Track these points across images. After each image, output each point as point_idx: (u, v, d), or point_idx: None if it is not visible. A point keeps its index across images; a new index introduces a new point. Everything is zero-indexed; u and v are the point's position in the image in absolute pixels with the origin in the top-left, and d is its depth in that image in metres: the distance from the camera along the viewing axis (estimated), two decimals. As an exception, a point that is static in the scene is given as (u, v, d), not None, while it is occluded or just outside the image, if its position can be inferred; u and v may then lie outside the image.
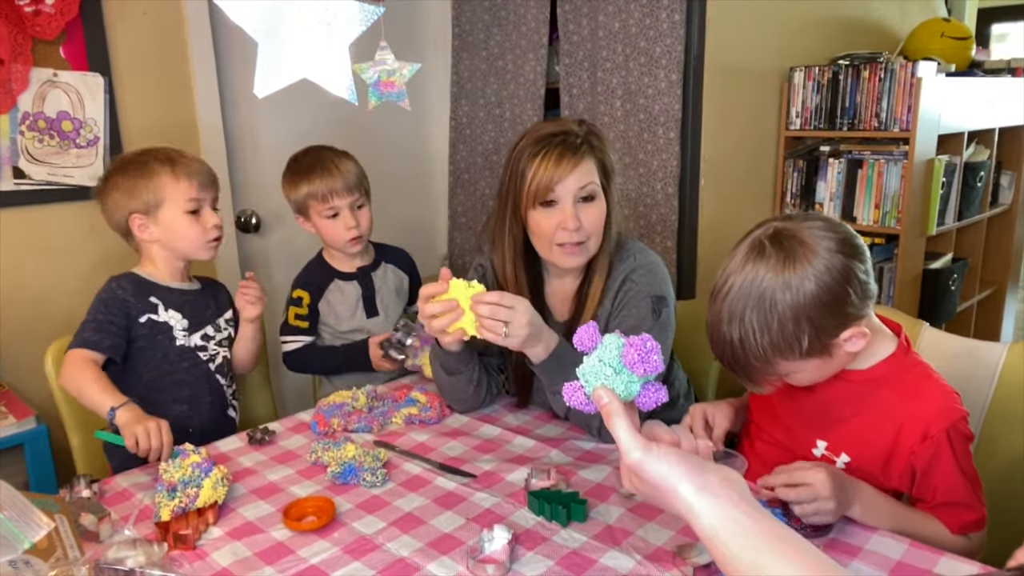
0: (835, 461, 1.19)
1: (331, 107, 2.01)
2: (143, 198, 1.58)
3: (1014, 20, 4.87)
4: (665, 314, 1.47)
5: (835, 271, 1.05)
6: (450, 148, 3.00)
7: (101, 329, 1.54)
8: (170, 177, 1.58)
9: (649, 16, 2.35)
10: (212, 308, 1.73)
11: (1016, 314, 3.74)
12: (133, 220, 1.60)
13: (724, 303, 1.10)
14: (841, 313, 1.07)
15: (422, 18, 2.91)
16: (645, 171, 2.48)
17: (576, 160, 1.42)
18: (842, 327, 1.08)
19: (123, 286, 1.60)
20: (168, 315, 1.63)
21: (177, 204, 1.59)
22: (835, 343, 1.09)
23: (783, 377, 1.14)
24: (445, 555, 1.07)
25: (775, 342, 1.06)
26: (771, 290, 1.05)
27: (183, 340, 1.64)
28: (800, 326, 1.05)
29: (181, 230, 1.60)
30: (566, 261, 1.47)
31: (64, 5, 1.95)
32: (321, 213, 1.82)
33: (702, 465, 0.76)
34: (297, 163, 1.85)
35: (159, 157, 1.60)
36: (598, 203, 1.45)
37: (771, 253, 1.08)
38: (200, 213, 1.62)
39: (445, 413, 1.58)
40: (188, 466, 1.23)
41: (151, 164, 1.59)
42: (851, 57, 2.72)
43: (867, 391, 1.17)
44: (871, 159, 2.69)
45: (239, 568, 1.05)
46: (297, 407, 1.69)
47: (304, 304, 1.88)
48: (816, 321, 1.05)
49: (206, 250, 1.64)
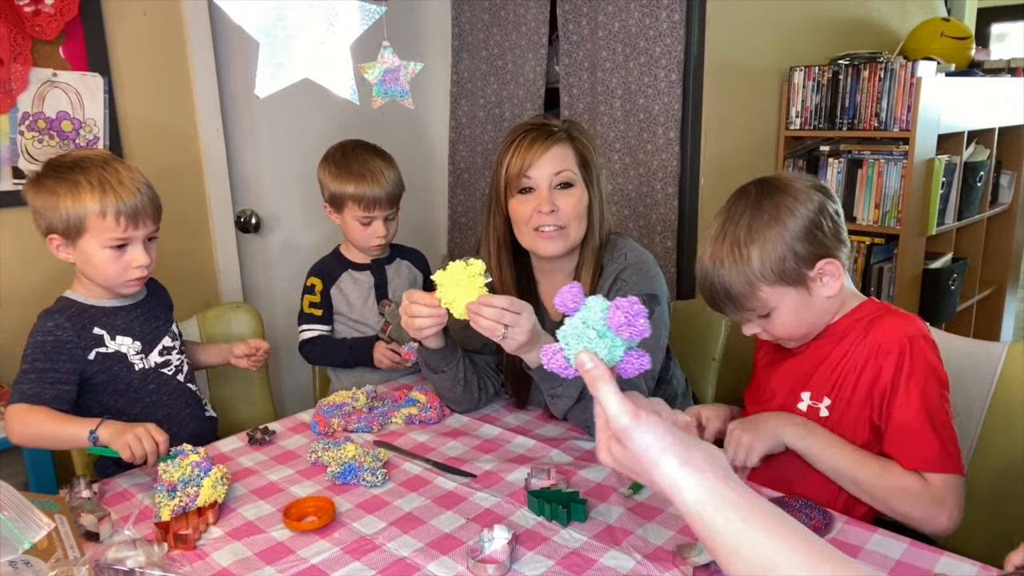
0: (819, 408, 1.25)
1: (331, 107, 2.01)
2: (63, 218, 1.38)
3: (1014, 20, 4.87)
4: (657, 312, 1.47)
5: (810, 203, 1.19)
6: (450, 148, 3.00)
7: (42, 379, 1.37)
8: (96, 206, 1.37)
9: (649, 16, 2.35)
10: (162, 317, 1.59)
11: (1016, 314, 3.74)
12: (51, 240, 1.43)
13: (713, 236, 1.22)
14: (815, 241, 1.18)
15: (422, 18, 2.91)
16: (645, 171, 2.48)
17: (548, 144, 1.44)
18: (816, 256, 1.18)
19: (61, 325, 1.42)
20: (117, 343, 1.47)
21: (97, 238, 1.39)
22: (810, 276, 1.19)
23: (764, 321, 1.23)
24: (445, 555, 1.07)
25: (757, 267, 1.17)
26: (755, 217, 1.19)
27: (141, 364, 1.50)
28: (778, 248, 1.17)
29: (98, 264, 1.41)
30: (545, 247, 1.47)
31: (64, 5, 1.95)
32: (357, 218, 1.85)
33: (687, 440, 0.73)
34: (347, 161, 1.86)
35: (92, 178, 1.38)
36: (576, 191, 1.46)
37: (753, 191, 1.23)
38: (125, 249, 1.42)
39: (445, 413, 1.58)
40: (187, 466, 1.23)
41: (80, 185, 1.38)
42: (851, 57, 2.73)
43: (838, 334, 1.26)
44: (871, 159, 2.69)
45: (239, 568, 1.05)
46: (297, 407, 1.69)
47: (317, 291, 1.92)
48: (791, 244, 1.17)
49: (126, 287, 1.46)
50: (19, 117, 1.97)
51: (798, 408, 1.27)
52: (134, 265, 1.43)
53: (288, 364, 2.59)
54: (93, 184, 1.38)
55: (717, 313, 1.86)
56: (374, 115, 1.52)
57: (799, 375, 1.29)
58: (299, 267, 2.01)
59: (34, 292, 2.06)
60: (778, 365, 1.34)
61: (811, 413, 1.25)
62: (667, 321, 1.52)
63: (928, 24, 3.23)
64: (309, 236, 2.58)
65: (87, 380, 1.44)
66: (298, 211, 2.60)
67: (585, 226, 1.49)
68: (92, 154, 1.45)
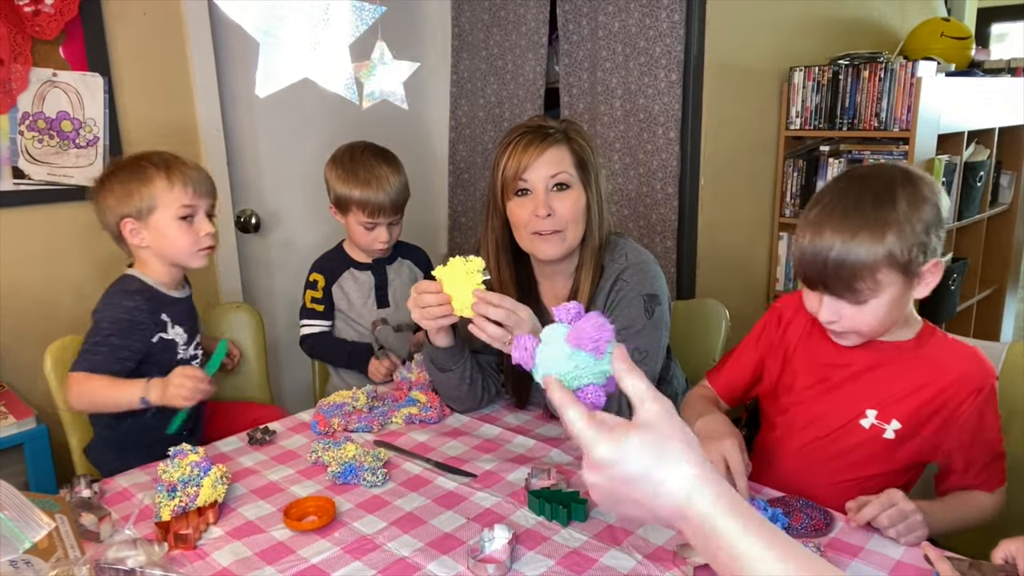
0: (884, 429, 1.22)
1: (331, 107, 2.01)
2: (136, 203, 1.55)
3: (1014, 20, 4.87)
4: (658, 312, 1.47)
5: (941, 199, 1.17)
6: (450, 148, 3.00)
7: (114, 355, 1.51)
8: (164, 182, 1.55)
9: (649, 16, 2.35)
10: (196, 313, 1.74)
11: (1016, 314, 3.75)
12: (125, 225, 1.57)
13: (831, 213, 1.15)
14: (936, 235, 1.15)
15: (422, 18, 2.90)
16: (645, 171, 2.48)
17: (544, 147, 1.44)
18: (932, 253, 1.15)
19: (139, 307, 1.56)
20: (175, 332, 1.62)
21: (169, 209, 1.55)
22: (922, 270, 1.15)
23: (854, 309, 1.16)
24: (445, 555, 1.07)
25: (890, 248, 1.11)
26: (890, 201, 1.13)
27: (183, 354, 1.64)
28: (914, 234, 1.12)
29: (172, 236, 1.57)
30: (543, 250, 1.48)
31: (64, 5, 1.95)
32: (361, 222, 1.86)
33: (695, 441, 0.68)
34: (353, 164, 1.86)
35: (155, 162, 1.57)
36: (573, 193, 1.46)
37: (881, 176, 1.18)
38: (193, 220, 1.58)
39: (445, 413, 1.58)
40: (187, 465, 1.23)
41: (147, 169, 1.56)
42: (851, 57, 2.73)
43: (913, 358, 1.22)
44: (871, 159, 2.69)
45: (239, 568, 1.05)
46: (297, 407, 1.69)
47: (319, 287, 1.93)
48: (921, 235, 1.12)
49: (197, 258, 1.61)
50: (19, 117, 1.97)
51: (860, 425, 1.23)
52: (202, 233, 1.58)
53: (288, 364, 2.60)
54: (157, 164, 1.57)
55: (717, 313, 1.88)
56: (374, 115, 1.52)
57: (860, 386, 1.25)
58: (299, 267, 2.02)
59: (34, 292, 2.06)
60: (832, 368, 1.28)
61: (873, 432, 1.22)
62: (667, 321, 1.52)
63: (928, 24, 3.23)
64: (309, 236, 2.58)
65: (142, 360, 1.56)
66: (298, 211, 2.60)
67: (583, 228, 1.48)
68: (151, 150, 1.63)
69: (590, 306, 1.50)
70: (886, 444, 1.21)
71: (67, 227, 2.09)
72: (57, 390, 1.66)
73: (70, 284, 2.09)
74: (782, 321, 1.38)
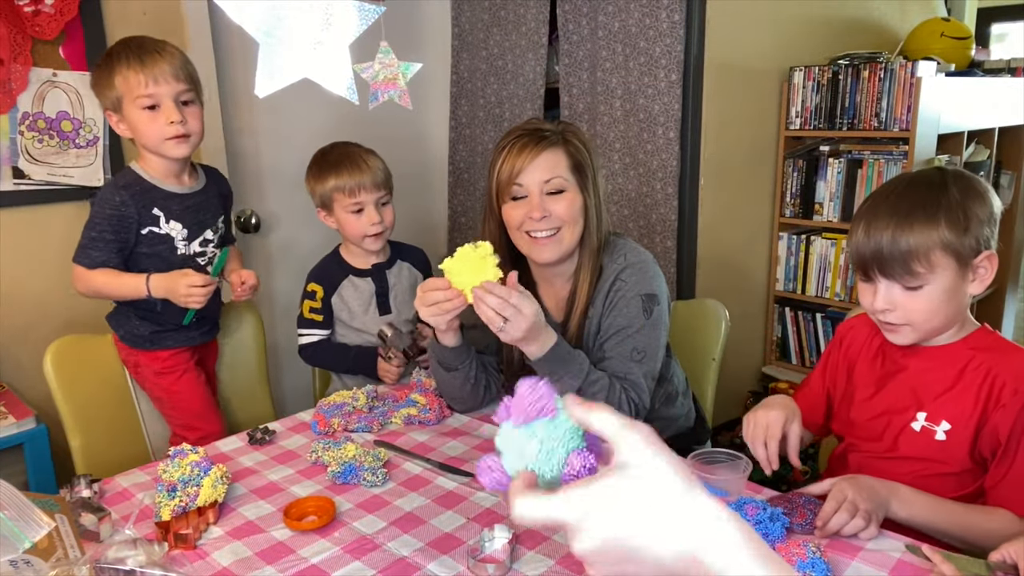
0: (935, 431, 1.21)
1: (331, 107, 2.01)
2: (108, 95, 1.56)
3: (1014, 20, 4.87)
4: (656, 312, 1.47)
5: (995, 196, 1.22)
6: (450, 148, 3.00)
7: (108, 248, 1.58)
8: (125, 72, 1.53)
9: (649, 16, 2.35)
10: (212, 211, 1.73)
11: (1016, 314, 3.75)
12: (109, 117, 1.60)
13: (883, 208, 1.18)
14: (989, 226, 1.19)
15: (422, 18, 2.91)
16: (645, 171, 2.48)
17: (538, 150, 1.44)
18: (985, 244, 1.19)
19: (125, 202, 1.58)
20: (169, 227, 1.63)
21: (133, 100, 1.54)
22: (974, 263, 1.18)
23: (908, 295, 1.18)
24: (445, 555, 1.07)
25: (943, 231, 1.14)
26: (942, 192, 1.17)
27: (183, 249, 1.65)
28: (965, 218, 1.15)
29: (139, 127, 1.56)
30: (540, 253, 1.48)
31: (64, 5, 1.95)
32: (346, 207, 1.81)
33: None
34: (324, 157, 1.86)
35: (120, 51, 1.55)
36: (567, 196, 1.46)
37: (933, 178, 1.22)
38: (157, 109, 1.55)
39: (445, 414, 1.58)
40: (187, 465, 1.23)
41: (112, 60, 1.55)
42: (851, 57, 2.73)
43: (960, 359, 1.22)
44: (871, 159, 2.69)
45: (239, 568, 1.05)
46: (297, 407, 1.69)
47: (318, 298, 1.89)
48: (972, 221, 1.16)
49: (169, 147, 1.58)
50: (19, 117, 1.97)
51: (911, 427, 1.23)
52: (166, 121, 1.54)
53: (288, 365, 2.59)
54: (122, 55, 1.55)
55: (717, 313, 1.88)
56: (374, 115, 1.52)
57: (910, 386, 1.25)
58: (299, 267, 2.01)
59: (34, 292, 2.06)
60: (886, 376, 1.29)
61: (925, 435, 1.21)
62: (667, 321, 1.52)
63: (928, 24, 3.23)
64: (309, 236, 2.58)
65: (132, 250, 1.62)
66: (298, 211, 2.60)
67: (580, 229, 1.48)
68: (125, 39, 1.60)
69: (589, 307, 1.50)
70: (939, 446, 1.20)
71: (67, 227, 2.08)
72: (56, 390, 1.66)
73: (70, 284, 2.08)
74: (843, 342, 1.39)
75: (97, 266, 1.59)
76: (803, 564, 0.96)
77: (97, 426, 1.70)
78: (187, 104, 1.59)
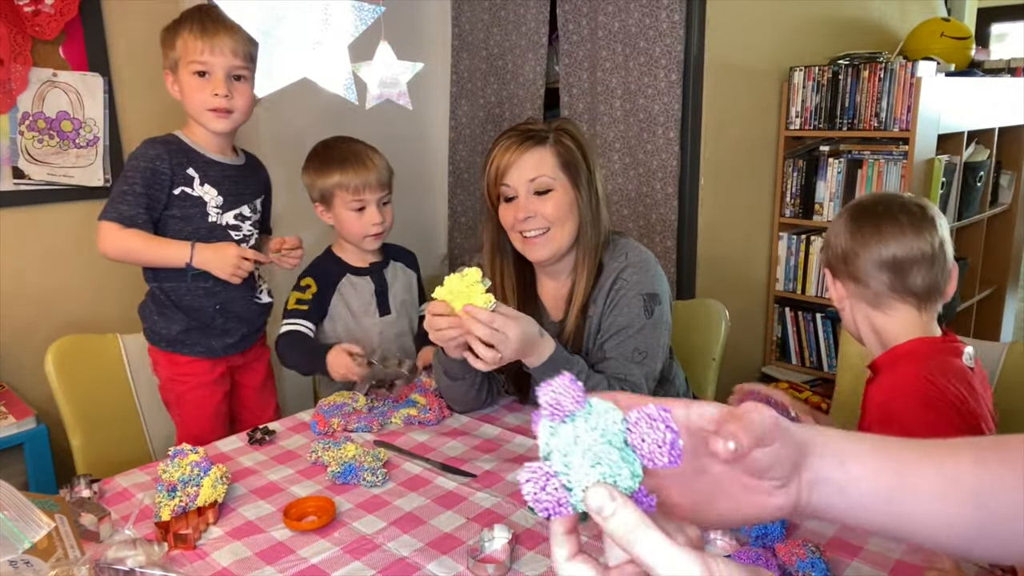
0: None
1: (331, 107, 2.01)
2: (170, 55, 1.57)
3: (1014, 20, 4.87)
4: (658, 312, 1.47)
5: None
6: (450, 148, 3.00)
7: (138, 203, 1.55)
8: (187, 35, 1.54)
9: (649, 16, 2.35)
10: (251, 188, 1.72)
11: (1016, 314, 3.75)
12: (167, 77, 1.60)
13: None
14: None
15: (422, 18, 2.91)
16: (645, 171, 2.48)
17: (522, 150, 1.44)
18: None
19: (161, 156, 1.57)
20: (203, 190, 1.62)
21: (187, 65, 1.56)
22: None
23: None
24: (445, 555, 1.07)
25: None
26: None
27: (215, 217, 1.64)
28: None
29: (188, 91, 1.58)
30: (531, 252, 1.49)
31: (64, 5, 1.95)
32: (348, 205, 1.76)
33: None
34: (328, 151, 1.80)
35: (193, 16, 1.57)
36: (555, 195, 1.46)
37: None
38: (207, 77, 1.56)
39: (445, 415, 1.58)
40: (187, 465, 1.23)
41: (183, 21, 1.57)
42: (851, 57, 2.73)
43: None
44: (871, 159, 2.69)
45: (239, 568, 1.05)
46: (297, 407, 1.69)
47: (309, 292, 1.80)
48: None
49: (208, 118, 1.59)
50: (19, 117, 1.97)
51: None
52: (210, 93, 1.55)
53: (288, 364, 2.59)
54: (191, 20, 1.56)
55: (717, 313, 1.88)
56: (374, 115, 1.52)
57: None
58: (300, 267, 2.01)
59: (34, 292, 2.06)
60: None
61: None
62: (668, 320, 1.52)
63: (928, 24, 3.23)
64: (310, 236, 2.57)
65: (163, 213, 1.59)
66: (298, 211, 2.60)
67: (573, 228, 1.48)
68: (204, 4, 1.65)
69: (590, 305, 1.50)
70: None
71: (67, 227, 2.09)
72: (57, 390, 1.66)
73: (70, 284, 2.09)
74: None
75: (124, 221, 1.54)
76: (803, 564, 0.96)
77: (97, 426, 1.70)
78: (239, 79, 1.59)
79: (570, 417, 0.50)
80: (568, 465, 0.48)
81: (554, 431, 0.50)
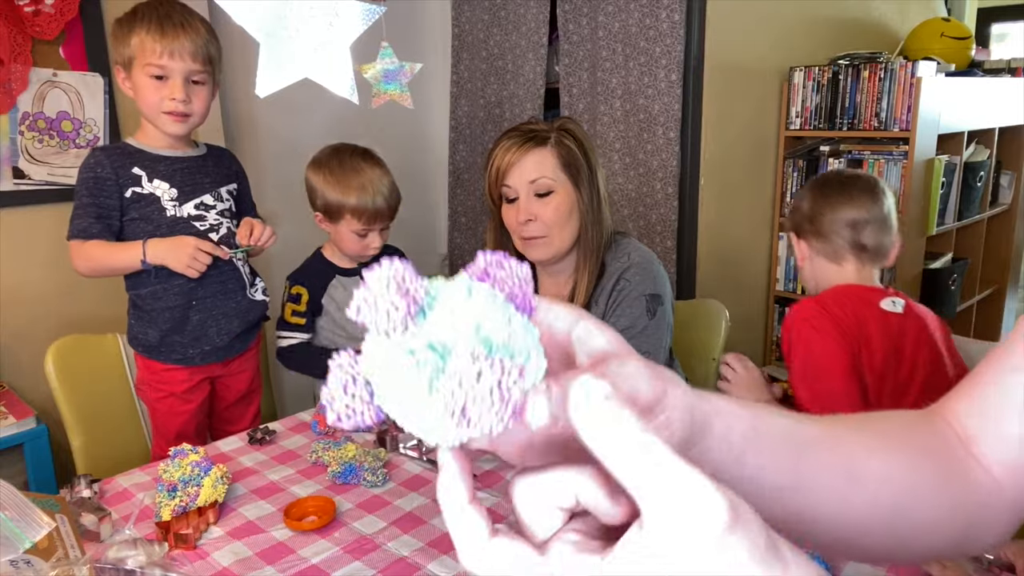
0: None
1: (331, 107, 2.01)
2: (121, 51, 1.51)
3: (1014, 20, 4.88)
4: (660, 312, 1.47)
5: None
6: (450, 148, 3.00)
7: (88, 214, 1.52)
8: (143, 35, 1.48)
9: (649, 16, 2.35)
10: (211, 176, 1.66)
11: (1016, 314, 3.74)
12: (118, 72, 1.55)
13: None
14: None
15: (422, 18, 2.91)
16: (645, 171, 2.48)
17: (523, 151, 1.44)
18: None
19: (100, 162, 1.54)
20: (153, 185, 1.57)
21: (142, 65, 1.49)
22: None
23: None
24: (445, 555, 1.07)
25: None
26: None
27: (173, 210, 1.58)
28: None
29: (141, 91, 1.52)
30: (531, 253, 1.49)
31: (64, 5, 1.95)
32: (354, 228, 1.77)
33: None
34: (343, 169, 1.77)
35: (150, 14, 1.49)
36: (555, 197, 1.45)
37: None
38: (164, 80, 1.50)
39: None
40: (187, 465, 1.23)
41: (135, 17, 1.50)
42: (851, 57, 2.73)
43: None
44: (871, 159, 2.69)
45: (240, 568, 1.05)
46: (297, 407, 1.69)
47: (303, 301, 1.83)
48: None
49: (163, 121, 1.54)
50: (19, 117, 1.97)
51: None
52: (168, 97, 1.51)
53: (288, 364, 2.59)
54: (146, 16, 1.50)
55: (717, 313, 1.88)
56: (374, 115, 1.53)
57: None
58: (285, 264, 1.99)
59: (34, 292, 2.06)
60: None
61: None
62: (670, 321, 1.52)
63: (928, 24, 3.23)
64: (309, 236, 2.58)
65: (123, 219, 1.57)
66: (298, 211, 2.60)
67: (573, 230, 1.48)
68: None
69: (592, 305, 1.50)
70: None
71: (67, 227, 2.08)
72: (57, 390, 1.66)
73: (70, 284, 2.09)
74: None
75: (82, 235, 1.52)
76: (803, 564, 0.96)
77: (97, 426, 1.70)
78: (197, 84, 1.55)
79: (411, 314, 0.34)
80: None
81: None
